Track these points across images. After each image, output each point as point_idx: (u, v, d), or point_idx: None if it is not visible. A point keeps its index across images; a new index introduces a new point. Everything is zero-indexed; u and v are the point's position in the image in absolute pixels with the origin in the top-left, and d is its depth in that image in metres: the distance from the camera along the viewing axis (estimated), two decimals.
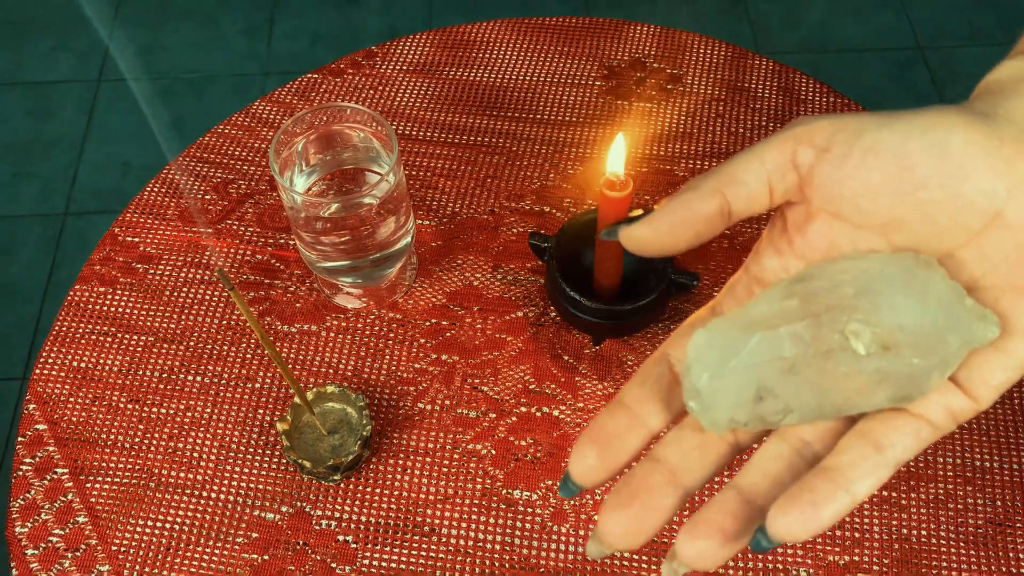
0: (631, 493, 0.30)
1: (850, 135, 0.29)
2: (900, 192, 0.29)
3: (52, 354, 0.63)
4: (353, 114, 0.59)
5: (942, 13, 1.75)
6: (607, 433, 0.31)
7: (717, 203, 0.30)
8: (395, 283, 0.65)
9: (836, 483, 0.29)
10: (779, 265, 0.32)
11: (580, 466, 0.30)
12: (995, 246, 0.29)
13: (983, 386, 0.30)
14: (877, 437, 0.30)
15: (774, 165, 0.30)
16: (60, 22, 1.76)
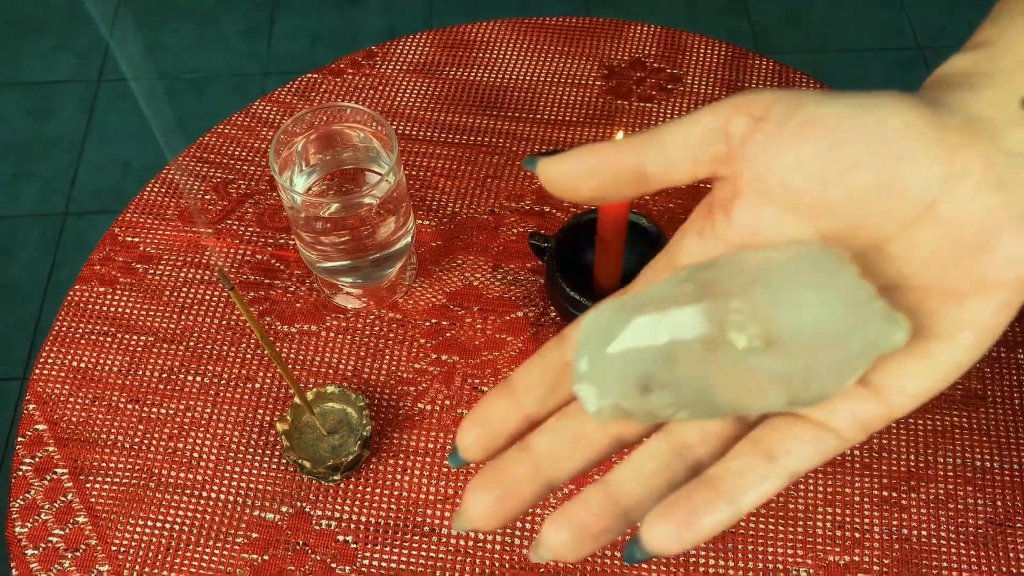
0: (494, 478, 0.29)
1: (789, 107, 0.28)
2: (831, 170, 0.27)
3: (52, 354, 0.63)
4: (353, 114, 0.59)
5: (942, 13, 1.75)
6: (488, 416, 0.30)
7: (632, 159, 0.29)
8: (395, 283, 0.65)
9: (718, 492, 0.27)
10: (699, 249, 0.30)
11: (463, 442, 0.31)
12: (926, 241, 0.27)
13: (899, 393, 0.28)
14: (771, 445, 0.28)
15: (703, 131, 0.29)
16: (60, 22, 1.76)
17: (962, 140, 0.27)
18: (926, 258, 0.28)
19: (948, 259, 0.27)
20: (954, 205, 0.27)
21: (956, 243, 0.27)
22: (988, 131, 0.27)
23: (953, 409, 0.60)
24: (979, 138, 0.27)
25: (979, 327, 0.27)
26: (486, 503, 0.29)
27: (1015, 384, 0.61)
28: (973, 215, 0.27)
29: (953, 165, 0.27)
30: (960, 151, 0.27)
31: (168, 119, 1.63)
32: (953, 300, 0.28)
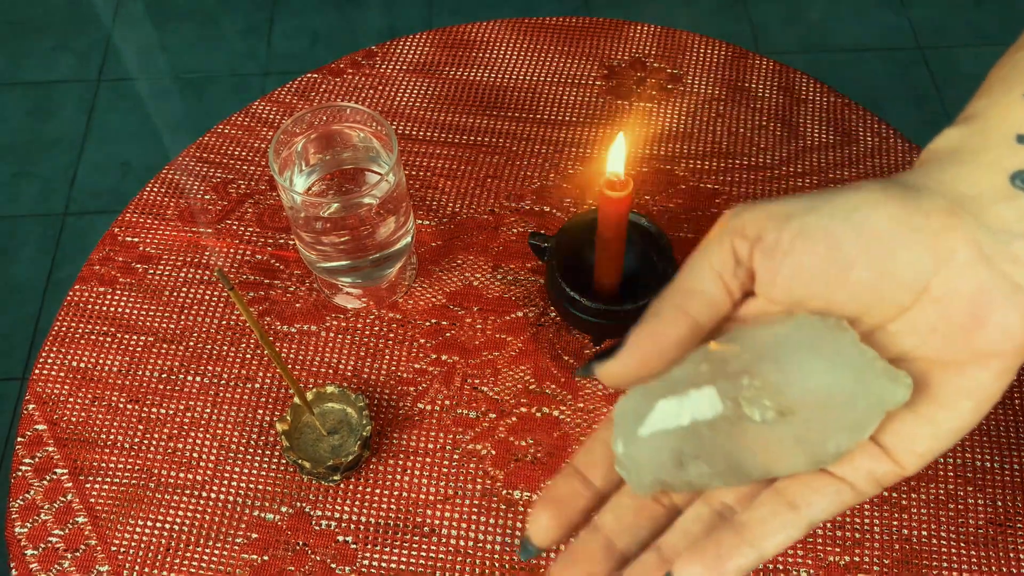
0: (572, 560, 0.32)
1: (779, 222, 0.30)
2: (830, 275, 0.29)
3: (52, 354, 0.63)
4: (353, 114, 0.59)
5: (942, 13, 1.75)
6: (559, 497, 0.33)
7: (684, 323, 0.30)
8: (395, 283, 0.65)
9: (743, 537, 0.30)
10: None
11: (536, 527, 0.33)
12: (924, 319, 0.29)
13: (908, 453, 0.30)
14: (793, 496, 0.30)
15: (723, 265, 0.31)
16: (60, 22, 1.76)
17: (947, 222, 0.28)
18: (925, 334, 0.29)
19: (946, 334, 0.29)
20: (946, 285, 0.28)
21: (952, 319, 0.29)
22: (973, 210, 0.29)
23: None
24: (962, 218, 0.28)
25: (979, 394, 0.29)
26: None
27: (1015, 384, 0.61)
28: (964, 293, 0.28)
29: (939, 249, 0.28)
30: (944, 234, 0.28)
31: (168, 119, 1.63)
32: (954, 370, 0.29)
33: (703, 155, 0.72)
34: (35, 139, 1.59)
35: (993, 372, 0.29)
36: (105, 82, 1.67)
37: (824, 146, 0.73)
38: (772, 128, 0.74)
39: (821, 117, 0.74)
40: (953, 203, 0.29)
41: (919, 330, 0.29)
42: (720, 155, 0.72)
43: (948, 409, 0.30)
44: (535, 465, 0.58)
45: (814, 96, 0.76)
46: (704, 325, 0.31)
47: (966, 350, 0.29)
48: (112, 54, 1.71)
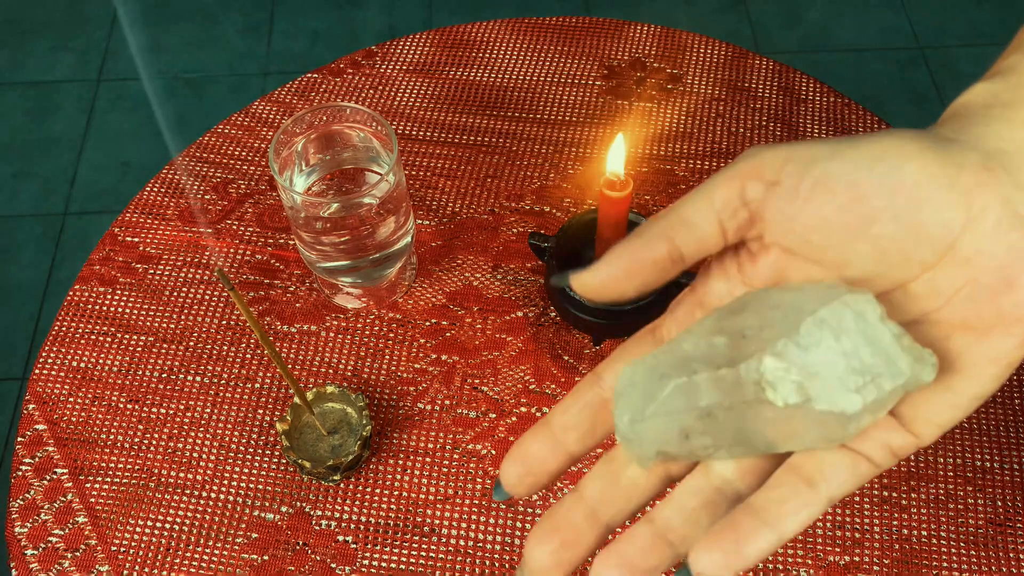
0: (553, 527, 0.30)
1: (799, 166, 0.28)
2: (851, 226, 0.28)
3: (52, 354, 0.63)
4: (353, 114, 0.59)
5: (942, 13, 1.75)
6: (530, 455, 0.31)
7: (665, 248, 0.29)
8: (395, 283, 0.65)
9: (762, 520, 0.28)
10: (725, 290, 0.31)
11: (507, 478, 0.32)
12: (948, 280, 0.28)
13: (927, 424, 0.29)
14: (810, 472, 0.29)
15: (723, 203, 0.29)
16: (60, 22, 1.76)
17: (979, 178, 0.27)
18: (949, 296, 0.28)
19: (971, 297, 0.28)
20: (974, 245, 0.27)
21: (978, 281, 0.27)
22: (1006, 166, 0.27)
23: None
24: (997, 175, 0.27)
25: (1002, 361, 0.28)
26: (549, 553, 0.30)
27: (1015, 384, 0.61)
28: (994, 254, 0.27)
29: (971, 206, 0.27)
30: (977, 190, 0.27)
31: (168, 119, 1.63)
32: (977, 335, 0.28)
33: (703, 155, 0.72)
34: (35, 139, 1.59)
35: (1019, 339, 0.28)
36: (105, 82, 1.67)
37: None
38: (772, 128, 0.74)
39: (821, 117, 0.74)
40: (988, 158, 0.27)
41: (942, 291, 0.28)
42: (720, 155, 0.72)
43: (969, 376, 0.28)
44: None
45: (814, 96, 0.76)
46: (687, 257, 0.30)
47: (992, 314, 0.27)
48: (112, 54, 1.71)
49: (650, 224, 0.30)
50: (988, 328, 0.28)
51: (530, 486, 0.31)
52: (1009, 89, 0.29)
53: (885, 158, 0.27)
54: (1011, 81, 0.30)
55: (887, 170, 0.27)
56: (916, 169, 0.27)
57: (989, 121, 0.28)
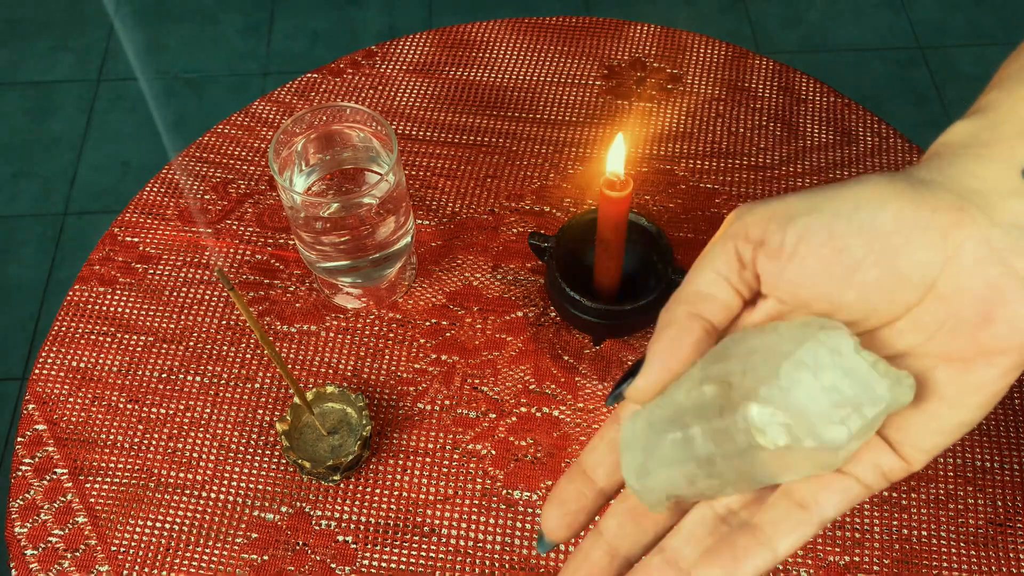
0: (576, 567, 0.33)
1: (781, 224, 0.29)
2: (836, 276, 0.29)
3: (51, 354, 0.63)
4: (353, 114, 0.59)
5: (942, 13, 1.75)
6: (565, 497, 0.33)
7: (700, 327, 0.30)
8: (395, 283, 0.65)
9: (757, 539, 0.30)
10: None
11: (548, 525, 0.33)
12: (931, 316, 0.29)
13: (915, 449, 0.30)
14: (802, 496, 0.30)
15: (727, 269, 0.31)
16: (60, 22, 1.76)
17: (953, 218, 0.28)
18: (933, 332, 0.29)
19: (953, 331, 0.29)
20: (953, 282, 0.28)
21: (959, 316, 0.28)
22: (982, 205, 0.28)
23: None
24: (971, 214, 0.28)
25: (986, 390, 0.29)
26: None
27: (1015, 384, 0.61)
28: (972, 289, 0.28)
29: (947, 245, 0.28)
30: (953, 230, 0.28)
31: (168, 119, 1.63)
32: (961, 366, 0.29)
33: (703, 155, 0.72)
34: (35, 139, 1.59)
35: (1000, 369, 0.29)
36: (105, 82, 1.67)
37: (824, 146, 0.73)
38: (772, 128, 0.74)
39: (821, 117, 0.74)
40: (961, 198, 0.28)
41: (926, 327, 0.29)
42: (720, 155, 0.72)
43: (954, 406, 0.29)
44: (535, 465, 0.58)
45: (814, 96, 0.76)
46: (719, 326, 0.31)
47: (973, 347, 0.29)
48: (112, 54, 1.71)
49: (673, 309, 0.31)
50: (971, 360, 0.29)
51: (569, 526, 0.33)
52: (987, 128, 0.30)
53: (861, 207, 0.29)
54: (989, 119, 0.30)
55: (864, 219, 0.28)
56: (892, 215, 0.28)
57: (965, 161, 0.29)
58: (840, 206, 0.29)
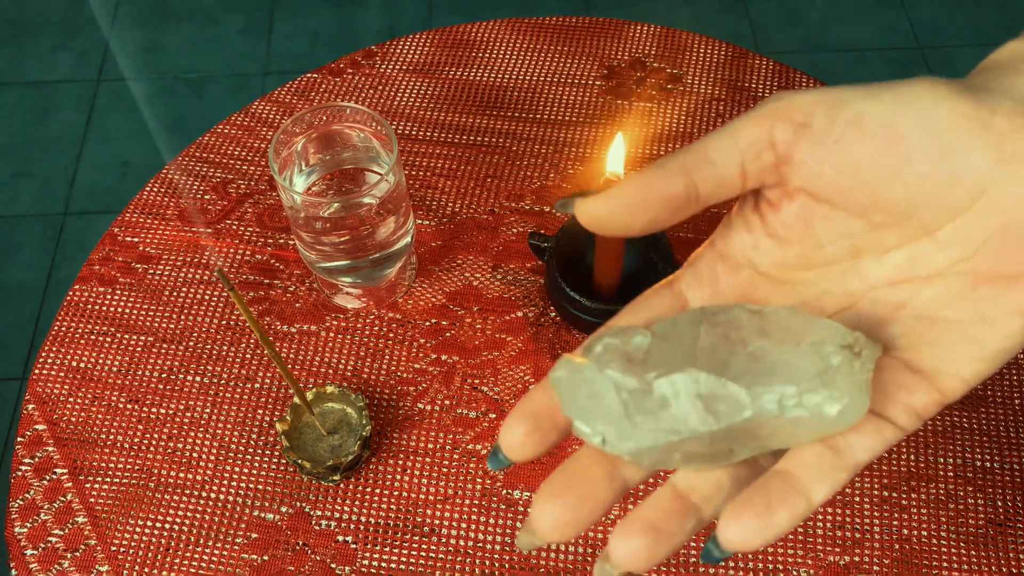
0: (567, 482, 0.28)
1: (830, 107, 0.27)
2: (886, 167, 0.27)
3: (51, 354, 0.63)
4: (353, 114, 0.59)
5: (942, 13, 1.75)
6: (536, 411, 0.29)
7: (683, 184, 0.28)
8: (395, 283, 0.65)
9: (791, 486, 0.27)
10: (749, 243, 0.30)
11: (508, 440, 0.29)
12: (978, 227, 0.27)
13: (953, 379, 0.28)
14: (834, 439, 0.28)
15: (748, 144, 0.28)
16: (60, 22, 1.76)
17: (1013, 123, 0.26)
18: (977, 243, 0.27)
19: (1000, 244, 0.27)
20: (1007, 189, 0.26)
21: (1008, 229, 0.27)
22: None
23: (953, 409, 0.60)
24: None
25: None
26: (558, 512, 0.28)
27: (1015, 384, 0.61)
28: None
29: (1005, 151, 0.26)
30: (1012, 135, 0.26)
31: (168, 119, 1.63)
32: (1004, 285, 0.27)
33: None
34: (35, 139, 1.59)
35: None
36: (105, 82, 1.67)
37: None
38: None
39: None
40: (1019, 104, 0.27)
41: (972, 238, 0.27)
42: None
43: (996, 328, 0.28)
44: (535, 465, 0.58)
45: None
46: (703, 197, 0.28)
47: (1021, 263, 0.27)
48: (112, 54, 1.71)
49: (670, 158, 0.28)
50: (1017, 277, 0.27)
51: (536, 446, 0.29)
52: None
53: (921, 98, 0.27)
54: None
55: (923, 110, 0.27)
56: (951, 111, 0.26)
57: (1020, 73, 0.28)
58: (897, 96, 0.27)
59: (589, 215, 0.28)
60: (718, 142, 0.28)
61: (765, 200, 0.30)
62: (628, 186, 0.28)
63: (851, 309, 0.30)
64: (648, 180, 0.28)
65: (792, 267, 0.30)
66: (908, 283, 0.29)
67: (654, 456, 0.28)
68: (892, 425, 0.29)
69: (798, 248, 0.30)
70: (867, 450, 0.28)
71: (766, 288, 0.31)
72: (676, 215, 0.28)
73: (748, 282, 0.31)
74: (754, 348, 0.28)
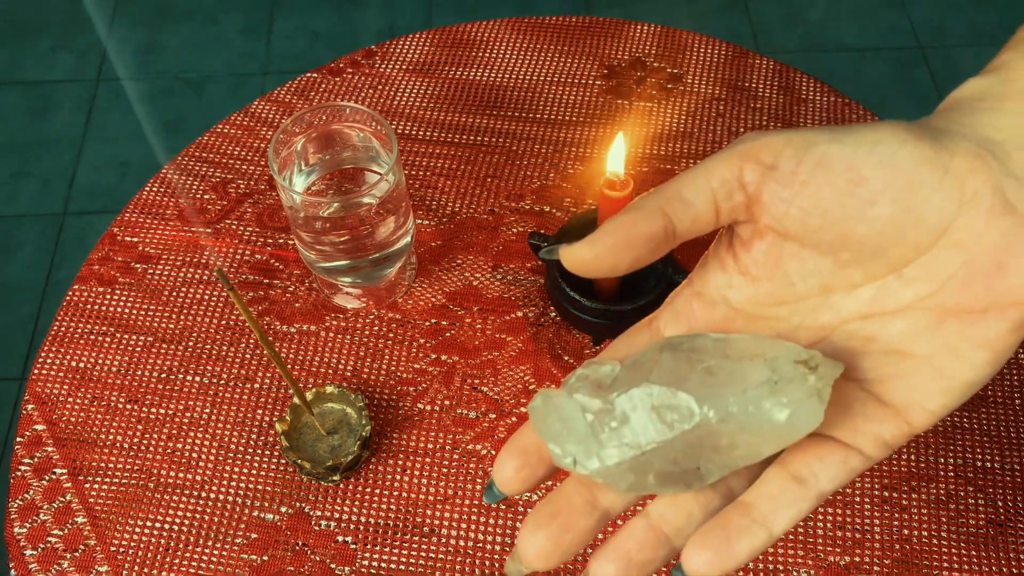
0: (551, 513, 0.30)
1: (798, 150, 0.28)
2: (849, 208, 0.28)
3: (51, 354, 0.63)
4: (352, 113, 0.59)
5: (942, 13, 1.75)
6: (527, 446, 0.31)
7: (661, 223, 0.29)
8: (395, 283, 0.65)
9: (752, 518, 0.29)
10: (723, 281, 0.31)
11: (501, 476, 0.31)
12: (942, 264, 0.28)
13: (920, 410, 0.29)
14: (799, 468, 0.29)
15: (720, 183, 0.29)
16: (59, 22, 1.75)
17: (971, 164, 0.27)
18: (943, 280, 0.28)
19: (965, 281, 0.28)
20: (969, 228, 0.28)
21: (973, 264, 0.28)
22: (996, 154, 0.28)
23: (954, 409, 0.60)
24: (987, 161, 0.28)
25: (995, 346, 0.28)
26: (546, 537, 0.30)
27: (1016, 384, 0.61)
28: (987, 238, 0.27)
29: (964, 191, 0.27)
30: (970, 176, 0.27)
31: (167, 119, 1.63)
32: (970, 319, 0.28)
33: (703, 155, 0.72)
34: (34, 139, 1.59)
35: (1011, 323, 0.28)
36: (104, 82, 1.67)
37: None
38: (772, 128, 0.74)
39: (821, 117, 0.74)
40: (978, 145, 0.28)
41: (936, 275, 0.28)
42: None
43: (963, 361, 0.29)
44: None
45: (814, 96, 0.76)
46: (680, 233, 0.29)
47: (985, 298, 0.28)
48: (111, 54, 1.71)
49: (645, 199, 0.30)
50: (982, 311, 0.28)
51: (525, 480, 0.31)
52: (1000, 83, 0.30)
53: (883, 141, 0.28)
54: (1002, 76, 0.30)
55: (885, 153, 0.28)
56: (911, 153, 0.28)
57: (981, 113, 0.29)
58: (861, 139, 0.28)
59: (575, 261, 0.30)
60: (692, 182, 0.29)
61: (738, 238, 0.31)
62: (610, 230, 0.29)
63: (825, 341, 0.31)
64: (628, 222, 0.29)
65: (765, 303, 0.31)
66: (877, 317, 0.30)
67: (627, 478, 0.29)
68: (859, 455, 0.30)
69: (769, 285, 0.31)
70: (832, 480, 0.29)
71: (741, 323, 0.32)
72: (656, 252, 0.30)
73: (723, 318, 0.32)
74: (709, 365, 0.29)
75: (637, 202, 0.30)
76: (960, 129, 0.28)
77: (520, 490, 0.31)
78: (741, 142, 0.29)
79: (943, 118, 0.29)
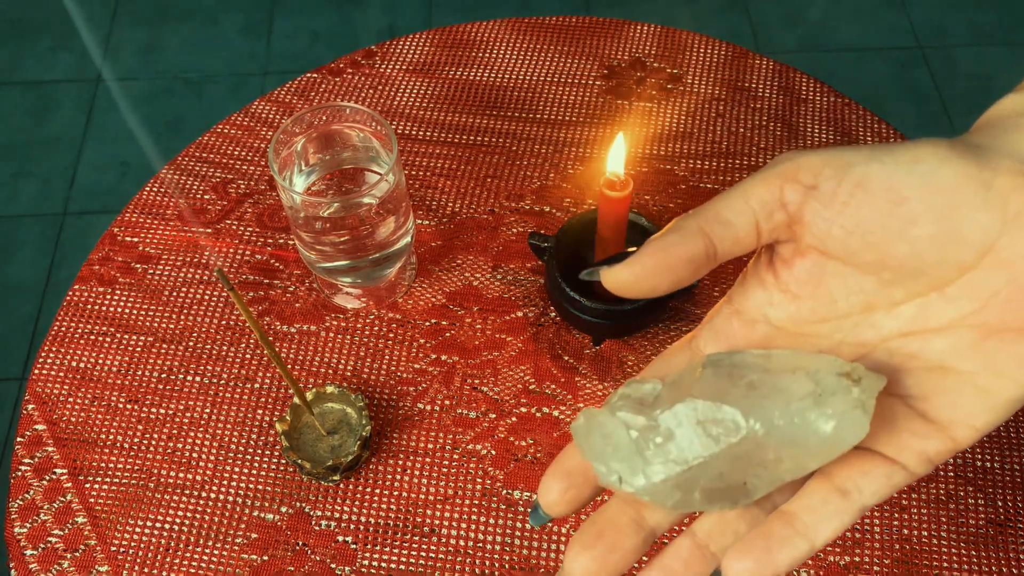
0: (597, 533, 0.30)
1: (837, 170, 0.28)
2: (891, 228, 0.28)
3: (51, 354, 0.63)
4: (352, 114, 0.59)
5: (942, 13, 1.75)
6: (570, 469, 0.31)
7: (702, 244, 0.29)
8: (395, 283, 0.65)
9: (794, 528, 0.29)
10: (764, 299, 0.31)
11: (547, 497, 0.31)
12: (987, 281, 0.28)
13: (965, 427, 0.29)
14: (843, 481, 0.29)
15: (760, 204, 0.29)
16: (59, 22, 1.75)
17: (1015, 183, 0.27)
18: (986, 298, 0.28)
19: (1008, 299, 0.28)
20: (1013, 247, 0.27)
21: (1016, 284, 0.28)
22: None
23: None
24: None
25: None
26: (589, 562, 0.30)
27: None
28: None
29: (1008, 209, 0.27)
30: (1013, 194, 0.27)
31: (167, 119, 1.63)
32: (1013, 337, 0.28)
33: (703, 155, 0.72)
34: (34, 139, 1.59)
35: None
36: (104, 82, 1.67)
37: (824, 146, 0.72)
38: (772, 128, 0.74)
39: (821, 117, 0.74)
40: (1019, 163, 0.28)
41: (980, 294, 0.28)
42: (720, 155, 0.72)
43: (1006, 379, 0.28)
44: (535, 465, 0.58)
45: (814, 96, 0.76)
46: (721, 254, 0.30)
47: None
48: (111, 54, 1.71)
49: (685, 219, 0.30)
50: None
51: (572, 501, 0.31)
52: None
53: (923, 160, 0.28)
54: None
55: (925, 172, 0.27)
56: (953, 171, 0.27)
57: (1019, 129, 0.29)
58: (900, 158, 0.28)
59: (616, 282, 0.30)
60: (731, 203, 0.29)
61: (779, 257, 0.31)
62: (650, 252, 0.29)
63: (867, 358, 0.31)
64: (668, 244, 0.29)
65: (806, 321, 0.31)
66: (920, 334, 0.30)
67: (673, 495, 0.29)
68: (903, 470, 0.30)
69: (811, 303, 0.31)
70: (875, 494, 0.29)
71: (782, 341, 0.32)
72: (696, 273, 0.30)
73: (764, 336, 0.32)
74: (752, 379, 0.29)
75: (676, 223, 0.30)
76: (1002, 146, 0.28)
77: (566, 512, 0.31)
78: (779, 162, 0.29)
79: (982, 135, 0.29)
